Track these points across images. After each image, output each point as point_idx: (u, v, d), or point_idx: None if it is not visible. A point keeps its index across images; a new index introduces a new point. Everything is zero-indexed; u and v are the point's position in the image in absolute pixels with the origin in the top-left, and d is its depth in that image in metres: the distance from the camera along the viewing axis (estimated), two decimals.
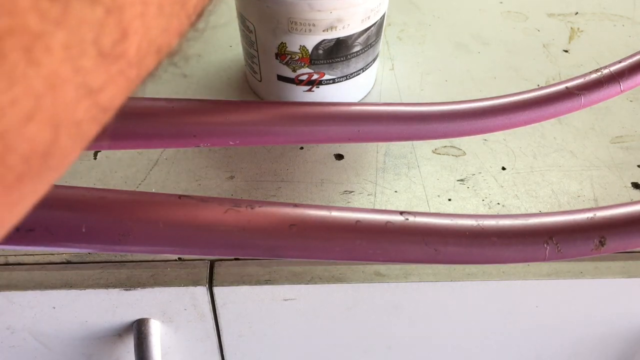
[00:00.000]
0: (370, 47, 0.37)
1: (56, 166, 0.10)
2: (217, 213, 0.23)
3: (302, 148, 0.38)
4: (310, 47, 0.35)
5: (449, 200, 0.35)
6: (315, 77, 0.37)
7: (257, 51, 0.37)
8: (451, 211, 0.35)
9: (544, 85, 0.43)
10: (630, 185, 0.37)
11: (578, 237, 0.24)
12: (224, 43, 0.46)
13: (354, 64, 0.37)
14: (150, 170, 0.36)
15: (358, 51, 0.36)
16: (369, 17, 0.35)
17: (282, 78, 0.37)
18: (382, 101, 0.42)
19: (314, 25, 0.34)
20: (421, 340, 0.39)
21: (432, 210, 0.35)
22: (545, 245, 0.24)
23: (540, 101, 0.32)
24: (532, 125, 0.33)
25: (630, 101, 0.42)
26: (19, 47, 0.08)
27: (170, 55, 0.12)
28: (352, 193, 0.35)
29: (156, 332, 0.35)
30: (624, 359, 0.42)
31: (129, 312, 0.34)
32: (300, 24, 0.33)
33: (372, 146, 0.38)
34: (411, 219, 0.24)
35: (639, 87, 0.33)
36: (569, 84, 0.32)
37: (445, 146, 0.38)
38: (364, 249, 0.24)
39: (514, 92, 0.32)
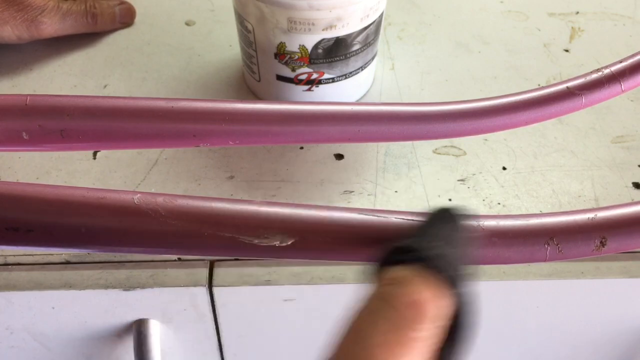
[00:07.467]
0: (369, 45, 0.37)
1: None
2: None
3: (302, 148, 0.38)
4: (309, 47, 0.35)
5: (450, 200, 0.35)
6: (314, 76, 0.37)
7: (256, 51, 0.37)
8: None
9: (544, 85, 0.43)
10: (631, 185, 0.36)
11: (579, 238, 0.24)
12: (223, 42, 0.46)
13: (353, 63, 0.37)
14: (150, 170, 0.36)
15: (357, 50, 0.36)
16: (368, 16, 0.35)
17: (281, 78, 0.37)
18: (382, 101, 0.42)
19: (313, 24, 0.33)
20: None
21: None
22: (546, 246, 0.24)
23: (541, 101, 0.32)
24: (533, 125, 0.33)
25: (631, 101, 0.42)
26: None
27: None
28: (352, 193, 0.35)
29: (156, 333, 0.35)
30: (624, 359, 0.42)
31: (128, 312, 0.34)
32: (300, 23, 0.33)
33: (372, 146, 0.38)
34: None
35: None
36: (570, 84, 0.32)
37: (445, 146, 0.38)
38: (364, 249, 0.24)
39: (514, 92, 0.32)
